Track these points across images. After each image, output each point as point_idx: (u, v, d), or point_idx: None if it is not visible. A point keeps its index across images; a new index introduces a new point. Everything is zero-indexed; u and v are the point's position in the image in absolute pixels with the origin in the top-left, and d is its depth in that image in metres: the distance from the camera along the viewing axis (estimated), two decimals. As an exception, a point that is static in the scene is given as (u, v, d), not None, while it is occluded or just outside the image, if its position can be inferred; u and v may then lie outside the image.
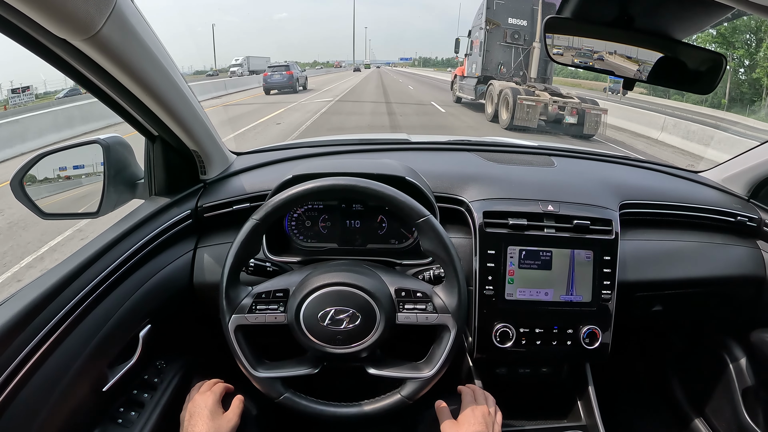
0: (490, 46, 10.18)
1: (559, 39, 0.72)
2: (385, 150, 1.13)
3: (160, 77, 0.67)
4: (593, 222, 0.86)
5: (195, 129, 0.83)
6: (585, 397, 0.94)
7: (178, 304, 0.87)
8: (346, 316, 0.66)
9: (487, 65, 10.30)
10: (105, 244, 0.73)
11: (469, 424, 0.71)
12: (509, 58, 10.27)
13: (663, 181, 1.11)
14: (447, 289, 0.69)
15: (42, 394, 0.60)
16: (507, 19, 9.95)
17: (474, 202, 0.89)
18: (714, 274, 0.99)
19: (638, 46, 0.71)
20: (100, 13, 0.51)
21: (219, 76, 33.61)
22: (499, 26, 10.00)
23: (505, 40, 10.08)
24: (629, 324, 0.95)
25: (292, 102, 12.95)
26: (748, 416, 1.06)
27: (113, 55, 0.57)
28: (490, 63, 10.29)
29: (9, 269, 3.03)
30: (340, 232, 0.94)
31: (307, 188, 0.67)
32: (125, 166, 0.87)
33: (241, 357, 0.68)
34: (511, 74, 10.15)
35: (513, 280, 0.85)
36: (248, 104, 12.98)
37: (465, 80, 11.82)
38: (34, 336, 0.60)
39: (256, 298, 0.69)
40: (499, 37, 10.07)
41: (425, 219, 0.67)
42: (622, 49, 0.72)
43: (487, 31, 10.02)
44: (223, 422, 0.70)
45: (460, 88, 12.34)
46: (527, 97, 8.13)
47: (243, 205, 0.90)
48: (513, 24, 10.00)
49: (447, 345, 0.68)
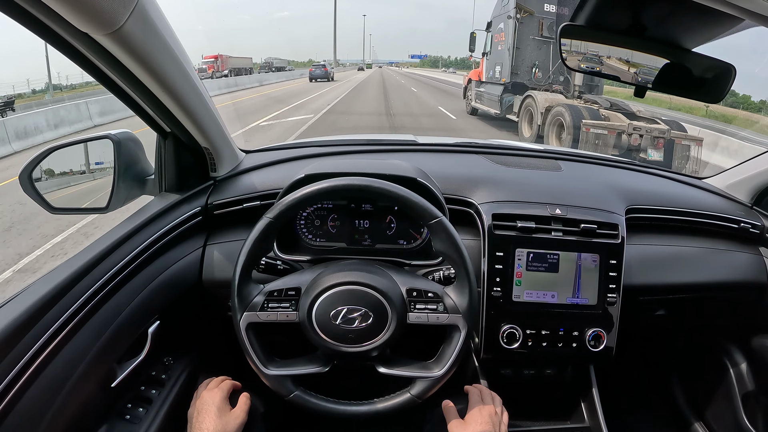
0: (521, 42, 7.29)
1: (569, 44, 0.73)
2: (393, 151, 1.13)
3: (177, 73, 0.68)
4: (600, 226, 0.87)
5: (208, 126, 0.83)
6: (589, 399, 0.95)
7: (187, 301, 0.87)
8: (358, 315, 0.66)
9: (518, 68, 7.49)
10: (115, 240, 0.73)
11: (476, 424, 0.71)
12: (546, 59, 7.38)
13: (668, 187, 1.12)
14: (458, 290, 0.69)
15: (51, 389, 0.60)
16: (542, 5, 7.14)
17: (483, 205, 0.90)
18: (716, 279, 1.00)
19: (649, 53, 0.72)
20: (124, 8, 0.51)
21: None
22: (533, 15, 7.15)
23: (540, 34, 7.24)
24: (633, 327, 0.96)
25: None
26: (748, 421, 1.07)
27: (134, 50, 0.57)
28: (521, 65, 7.48)
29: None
30: (349, 232, 0.94)
31: (321, 187, 0.67)
32: (135, 162, 0.87)
33: (252, 354, 0.68)
34: (548, 80, 7.38)
35: (520, 282, 0.86)
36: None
37: (484, 87, 9.06)
38: (45, 331, 0.60)
39: (268, 296, 0.69)
40: (533, 30, 7.23)
41: (438, 220, 0.68)
42: (633, 56, 0.73)
43: (518, 21, 7.14)
44: (231, 419, 0.70)
45: (477, 97, 9.53)
46: (595, 123, 5.56)
47: (253, 203, 0.91)
48: (550, 12, 7.13)
49: (457, 345, 0.68)
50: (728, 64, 0.71)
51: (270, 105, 13.11)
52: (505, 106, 8.00)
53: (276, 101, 14.31)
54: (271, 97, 16.34)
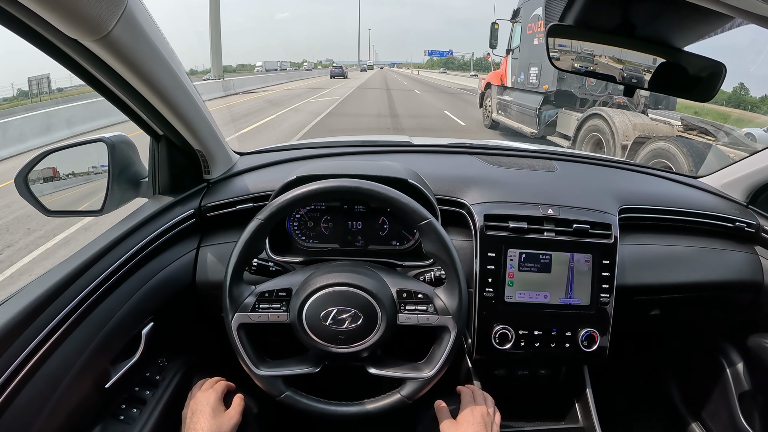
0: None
1: (558, 44, 0.73)
2: (387, 152, 1.14)
3: (168, 78, 0.68)
4: (592, 226, 0.87)
5: (200, 129, 0.83)
6: (583, 399, 0.95)
7: (181, 303, 0.88)
8: (348, 316, 0.67)
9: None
10: (109, 242, 0.73)
11: (468, 424, 0.71)
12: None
13: (662, 187, 1.12)
14: (448, 291, 0.70)
15: (45, 390, 0.61)
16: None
17: (475, 205, 0.90)
18: (712, 278, 1.00)
19: (639, 52, 0.72)
20: (111, 14, 0.51)
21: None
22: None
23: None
24: (627, 327, 0.96)
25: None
26: (745, 420, 1.07)
27: (123, 55, 0.58)
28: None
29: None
30: (342, 233, 0.94)
31: (312, 189, 0.68)
32: (129, 165, 0.88)
33: (243, 355, 0.68)
34: (606, 91, 5.48)
35: (513, 282, 0.86)
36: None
37: (511, 94, 6.98)
38: (38, 333, 0.60)
39: (259, 297, 0.69)
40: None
41: (427, 222, 0.68)
42: (623, 56, 0.73)
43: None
44: (225, 420, 0.71)
45: (501, 108, 7.37)
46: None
47: (246, 205, 0.91)
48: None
49: (447, 346, 0.68)
50: (719, 63, 0.70)
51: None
52: (545, 121, 5.88)
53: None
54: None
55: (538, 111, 5.97)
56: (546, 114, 5.92)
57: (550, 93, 5.82)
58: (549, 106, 5.91)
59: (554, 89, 5.77)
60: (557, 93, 5.81)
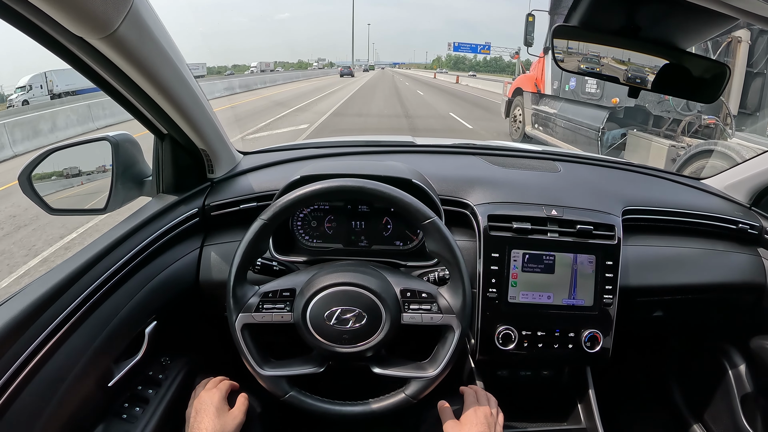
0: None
1: (564, 45, 0.73)
2: (391, 152, 1.14)
3: (173, 76, 0.68)
4: (596, 227, 0.87)
5: (204, 128, 0.83)
6: (585, 400, 0.95)
7: (184, 302, 0.88)
8: (352, 316, 0.67)
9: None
10: (113, 240, 0.73)
11: (472, 425, 0.71)
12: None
13: (666, 188, 1.12)
14: (452, 290, 0.70)
15: (48, 388, 0.61)
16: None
17: (479, 206, 0.90)
18: (715, 280, 0.99)
19: (644, 54, 0.72)
20: (117, 12, 0.51)
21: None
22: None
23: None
24: (630, 329, 0.96)
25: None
26: (747, 422, 1.06)
27: (128, 53, 0.58)
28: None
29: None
30: (346, 233, 0.94)
31: (316, 189, 0.68)
32: (133, 164, 0.88)
33: (247, 355, 0.68)
34: (693, 110, 3.93)
35: (516, 283, 0.86)
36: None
37: (553, 105, 5.60)
38: (42, 331, 0.60)
39: (263, 297, 0.69)
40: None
41: (431, 221, 0.68)
42: (628, 57, 0.73)
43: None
44: (229, 419, 0.71)
45: (537, 121, 5.95)
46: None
47: (250, 204, 0.91)
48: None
49: (451, 345, 0.68)
50: (723, 64, 0.70)
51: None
52: (610, 145, 4.51)
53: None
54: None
55: (600, 131, 4.50)
56: (610, 135, 4.50)
57: (618, 109, 4.41)
58: (615, 124, 4.54)
59: (623, 105, 4.38)
60: (628, 109, 4.45)
